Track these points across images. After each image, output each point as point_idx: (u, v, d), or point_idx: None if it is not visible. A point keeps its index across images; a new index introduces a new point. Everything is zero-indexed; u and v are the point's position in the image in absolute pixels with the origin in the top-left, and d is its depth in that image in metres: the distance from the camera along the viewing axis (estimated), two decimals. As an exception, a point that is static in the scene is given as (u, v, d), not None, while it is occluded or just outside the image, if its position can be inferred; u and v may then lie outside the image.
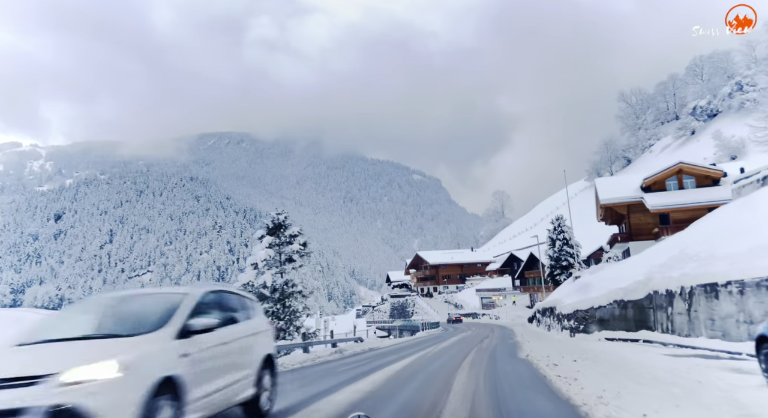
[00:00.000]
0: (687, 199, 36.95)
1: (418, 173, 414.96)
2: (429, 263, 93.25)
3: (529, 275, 66.13)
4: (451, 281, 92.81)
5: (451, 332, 42.70)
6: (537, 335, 24.48)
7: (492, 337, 28.12)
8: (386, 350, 20.66)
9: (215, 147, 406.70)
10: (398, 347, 22.80)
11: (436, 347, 21.17)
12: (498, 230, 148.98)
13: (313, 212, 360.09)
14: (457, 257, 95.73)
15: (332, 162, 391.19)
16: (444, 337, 31.89)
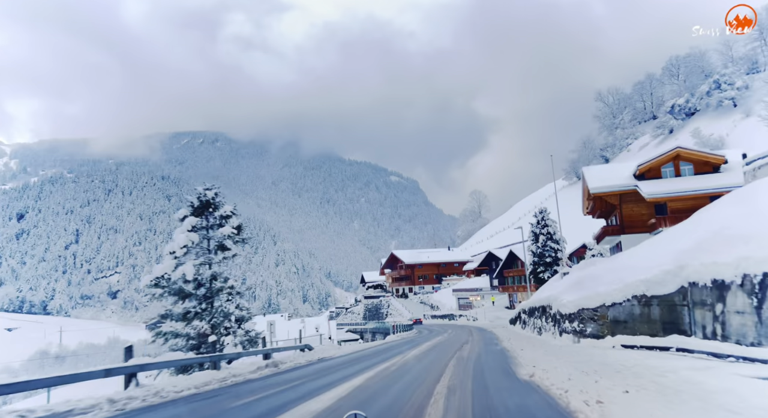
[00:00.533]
0: (687, 187, 33.02)
1: (396, 174, 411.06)
2: (404, 262, 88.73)
3: (509, 273, 62.02)
4: (428, 281, 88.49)
5: (425, 335, 38.12)
6: (529, 341, 19.96)
7: (472, 342, 23.55)
8: (338, 361, 15.88)
9: (189, 146, 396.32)
10: (356, 356, 18.01)
11: (404, 356, 16.49)
12: (475, 229, 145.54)
13: (289, 213, 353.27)
14: (434, 256, 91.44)
15: (309, 162, 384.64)
16: (416, 342, 27.23)
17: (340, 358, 17.28)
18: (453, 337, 31.63)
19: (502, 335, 27.66)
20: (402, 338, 36.80)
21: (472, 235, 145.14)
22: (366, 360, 15.63)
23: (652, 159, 35.95)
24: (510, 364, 11.81)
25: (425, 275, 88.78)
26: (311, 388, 9.35)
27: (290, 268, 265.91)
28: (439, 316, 68.55)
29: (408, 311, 78.82)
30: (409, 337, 37.34)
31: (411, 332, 44.49)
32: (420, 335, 37.86)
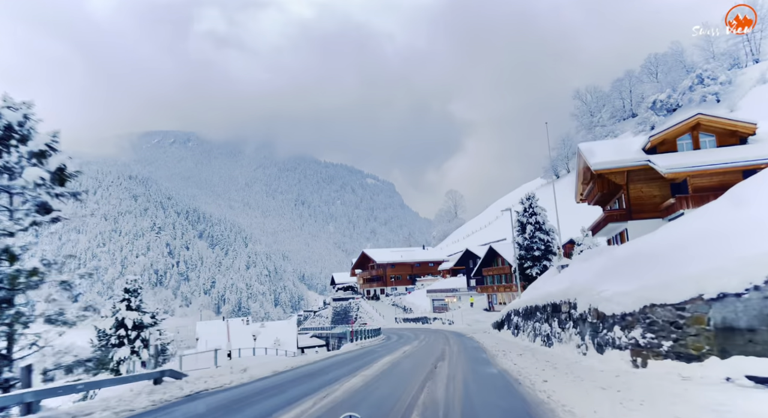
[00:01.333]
0: (714, 159, 26.43)
1: (372, 177, 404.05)
2: (376, 261, 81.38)
3: (488, 272, 55.15)
4: (401, 282, 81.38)
5: (392, 343, 30.87)
6: (538, 358, 12.72)
7: (451, 356, 16.40)
8: (192, 409, 8.32)
9: (160, 145, 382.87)
10: (254, 389, 10.44)
11: (346, 384, 9.09)
12: (451, 230, 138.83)
13: (263, 215, 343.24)
14: (407, 256, 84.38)
15: (284, 164, 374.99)
16: (378, 354, 19.98)
17: (219, 394, 9.77)
18: (426, 346, 24.44)
19: (490, 345, 20.55)
20: (361, 347, 29.44)
21: (447, 235, 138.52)
22: (261, 402, 8.26)
23: (667, 129, 29.32)
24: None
25: (398, 276, 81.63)
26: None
27: (261, 270, 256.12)
28: (411, 319, 61.28)
29: (379, 313, 71.44)
30: (370, 346, 29.98)
31: (377, 339, 37.10)
32: (385, 344, 30.55)
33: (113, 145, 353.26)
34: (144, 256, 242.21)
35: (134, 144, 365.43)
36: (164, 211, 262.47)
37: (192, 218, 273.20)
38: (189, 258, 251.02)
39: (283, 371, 14.97)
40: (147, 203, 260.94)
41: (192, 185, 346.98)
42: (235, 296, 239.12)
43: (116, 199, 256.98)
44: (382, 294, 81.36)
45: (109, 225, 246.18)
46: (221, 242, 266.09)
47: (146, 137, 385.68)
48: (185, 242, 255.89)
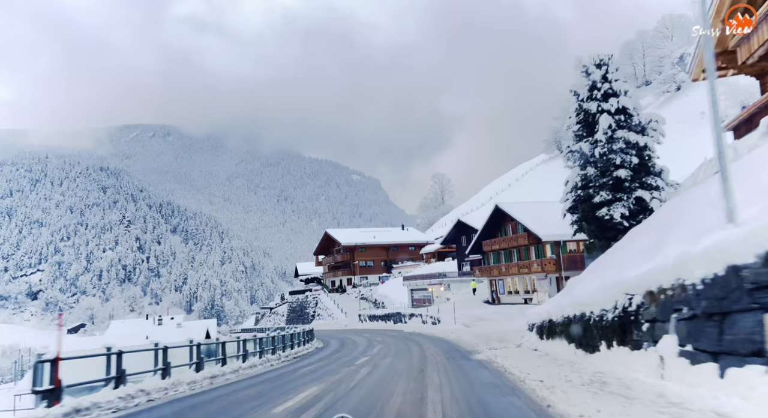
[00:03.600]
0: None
1: (357, 173, 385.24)
2: (341, 244, 62.75)
3: (492, 246, 36.76)
4: (373, 270, 62.93)
5: (306, 373, 11.50)
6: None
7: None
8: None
9: (138, 139, 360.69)
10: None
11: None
12: (437, 217, 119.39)
13: (244, 211, 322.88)
14: (382, 237, 65.74)
15: (267, 159, 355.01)
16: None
17: None
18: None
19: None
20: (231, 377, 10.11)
21: (433, 223, 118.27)
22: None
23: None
24: None
25: (369, 262, 63.26)
26: None
27: (238, 266, 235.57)
28: (380, 316, 42.51)
29: (341, 309, 52.57)
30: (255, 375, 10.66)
31: (302, 348, 18.30)
32: (292, 374, 11.37)
33: (90, 139, 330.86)
34: (111, 251, 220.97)
35: (112, 137, 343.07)
36: (135, 203, 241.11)
37: (165, 211, 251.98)
38: (160, 253, 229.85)
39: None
40: (117, 195, 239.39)
41: (171, 180, 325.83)
42: (208, 294, 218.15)
43: (84, 191, 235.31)
44: (349, 285, 62.50)
45: (74, 218, 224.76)
46: (195, 237, 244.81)
47: (125, 131, 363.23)
48: (156, 236, 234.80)
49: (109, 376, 9.62)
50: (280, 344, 21.20)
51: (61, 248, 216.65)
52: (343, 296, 60.08)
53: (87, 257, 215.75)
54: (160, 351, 11.91)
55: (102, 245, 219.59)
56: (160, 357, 11.89)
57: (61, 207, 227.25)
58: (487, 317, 29.28)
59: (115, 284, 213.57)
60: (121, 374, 9.79)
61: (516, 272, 34.13)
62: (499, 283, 36.93)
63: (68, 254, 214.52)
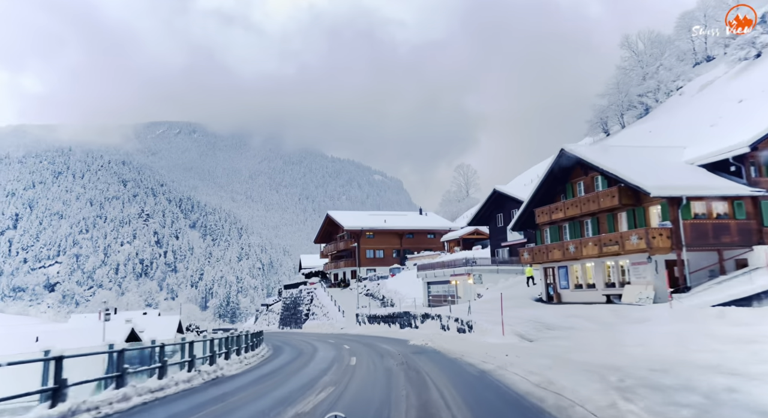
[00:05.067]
0: None
1: (380, 174, 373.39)
2: (344, 228, 50.27)
3: (554, 213, 23.47)
4: (383, 261, 50.34)
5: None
6: None
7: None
8: None
9: (164, 136, 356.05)
10: None
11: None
12: (461, 211, 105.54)
13: (265, 208, 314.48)
14: (394, 221, 52.98)
15: (289, 157, 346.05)
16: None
17: None
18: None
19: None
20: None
21: (456, 218, 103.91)
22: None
23: None
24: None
25: (378, 251, 50.85)
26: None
27: (255, 263, 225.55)
28: (383, 318, 30.08)
29: (338, 307, 39.91)
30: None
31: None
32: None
33: (117, 134, 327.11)
34: (129, 244, 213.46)
35: (139, 133, 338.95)
36: (155, 197, 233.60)
37: (185, 206, 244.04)
38: (178, 248, 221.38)
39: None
40: (137, 189, 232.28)
41: (194, 176, 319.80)
42: (223, 290, 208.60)
43: (104, 184, 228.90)
44: (354, 278, 49.76)
45: (94, 211, 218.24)
46: (214, 233, 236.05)
47: (151, 127, 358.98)
48: (175, 230, 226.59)
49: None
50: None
51: (79, 240, 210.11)
52: (345, 291, 47.66)
53: (104, 250, 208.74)
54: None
55: (120, 239, 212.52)
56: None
57: (82, 199, 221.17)
58: (558, 323, 16.56)
59: (132, 278, 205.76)
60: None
61: (594, 252, 21.03)
62: (559, 272, 24.01)
63: (86, 246, 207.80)
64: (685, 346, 10.41)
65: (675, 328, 12.32)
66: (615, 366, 9.17)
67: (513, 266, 30.04)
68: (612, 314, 16.40)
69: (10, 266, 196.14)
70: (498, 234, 33.04)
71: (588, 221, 22.71)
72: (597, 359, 10.16)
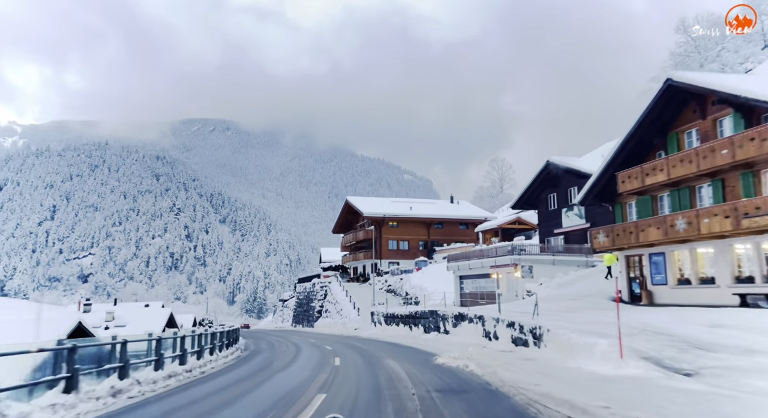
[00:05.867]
0: None
1: (409, 173, 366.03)
2: (364, 214, 43.55)
3: (648, 177, 15.99)
4: (407, 254, 43.39)
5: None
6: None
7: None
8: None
9: (199, 133, 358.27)
10: None
11: None
12: (494, 208, 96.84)
13: (295, 206, 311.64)
14: (421, 209, 45.87)
15: (320, 155, 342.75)
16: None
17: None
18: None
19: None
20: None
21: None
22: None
23: None
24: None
25: (403, 242, 43.97)
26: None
27: (282, 259, 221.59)
28: (403, 318, 23.36)
29: (355, 306, 33.10)
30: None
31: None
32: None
33: (155, 131, 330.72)
34: (160, 238, 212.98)
35: (175, 130, 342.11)
36: (186, 192, 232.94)
37: (216, 201, 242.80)
38: (207, 243, 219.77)
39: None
40: (169, 183, 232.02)
41: (227, 173, 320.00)
42: (251, 285, 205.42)
43: (138, 178, 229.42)
44: (374, 273, 42.97)
45: (127, 203, 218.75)
46: (243, 228, 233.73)
47: (187, 124, 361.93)
48: (205, 225, 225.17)
49: None
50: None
51: (112, 232, 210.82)
52: (364, 286, 41.03)
53: (136, 242, 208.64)
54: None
55: (151, 232, 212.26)
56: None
57: (116, 192, 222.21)
58: (708, 338, 9.08)
59: (162, 271, 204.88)
60: None
61: (725, 227, 13.45)
62: (652, 262, 16.54)
63: (119, 239, 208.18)
64: None
65: None
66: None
67: (573, 256, 22.76)
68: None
69: (46, 256, 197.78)
70: (549, 219, 25.82)
71: (704, 186, 15.29)
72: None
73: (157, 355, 12.61)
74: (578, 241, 24.70)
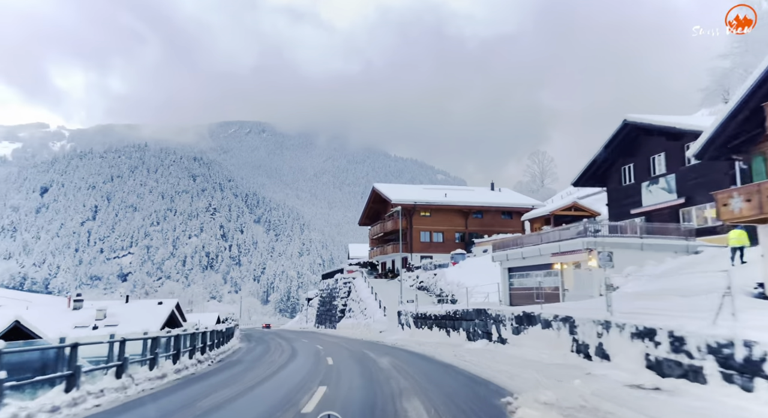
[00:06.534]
0: None
1: (443, 173, 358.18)
2: (392, 202, 37.76)
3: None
4: (441, 247, 37.05)
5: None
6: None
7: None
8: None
9: (236, 135, 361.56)
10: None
11: None
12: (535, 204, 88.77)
13: (329, 206, 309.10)
14: (457, 196, 39.57)
15: (353, 156, 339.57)
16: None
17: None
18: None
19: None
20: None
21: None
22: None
23: None
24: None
25: (436, 233, 37.96)
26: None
27: (315, 259, 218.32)
28: (437, 319, 17.26)
29: (381, 304, 27.41)
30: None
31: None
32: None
33: (193, 133, 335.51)
34: (196, 237, 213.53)
35: (213, 132, 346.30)
36: (222, 192, 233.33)
37: (251, 201, 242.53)
38: (242, 242, 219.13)
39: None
40: (205, 184, 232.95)
41: (262, 174, 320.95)
42: (284, 285, 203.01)
43: (175, 179, 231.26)
44: (404, 268, 37.24)
45: (165, 204, 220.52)
46: (277, 228, 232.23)
47: (224, 127, 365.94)
48: (240, 225, 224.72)
49: None
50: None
51: (150, 232, 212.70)
52: (392, 283, 35.42)
53: (173, 242, 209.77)
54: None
55: (188, 232, 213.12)
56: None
57: (154, 193, 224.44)
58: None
59: (198, 270, 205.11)
60: None
61: None
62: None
63: (156, 238, 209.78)
64: None
65: None
66: None
67: (667, 239, 16.61)
68: None
69: (88, 255, 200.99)
70: (624, 197, 19.72)
71: None
72: None
73: (120, 359, 10.77)
74: (665, 223, 18.58)
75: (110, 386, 9.77)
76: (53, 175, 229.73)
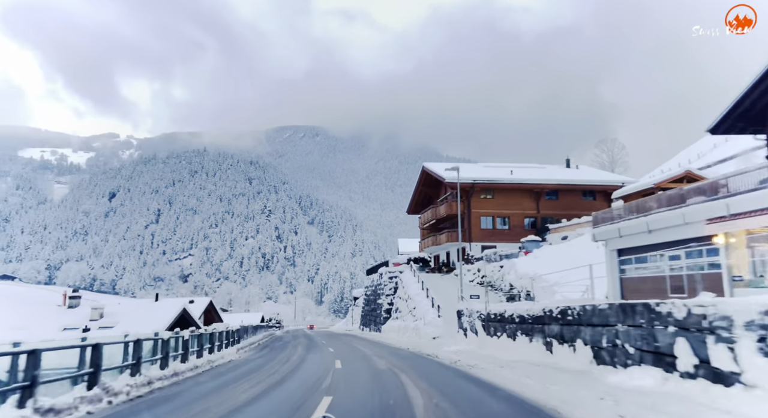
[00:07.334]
0: None
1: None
2: (446, 181, 30.68)
3: None
4: (508, 234, 29.86)
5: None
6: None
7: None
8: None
9: (290, 140, 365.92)
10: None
11: None
12: (606, 194, 77.82)
13: (381, 208, 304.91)
14: (525, 174, 31.84)
15: (405, 157, 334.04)
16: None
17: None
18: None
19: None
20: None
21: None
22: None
23: None
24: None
25: (500, 218, 30.68)
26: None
27: (368, 260, 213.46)
28: (525, 324, 10.10)
29: (434, 303, 20.30)
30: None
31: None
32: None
33: (251, 139, 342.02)
34: (253, 239, 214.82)
35: (269, 137, 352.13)
36: (276, 194, 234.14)
37: (304, 203, 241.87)
38: (296, 243, 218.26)
39: None
40: (261, 186, 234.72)
41: (316, 177, 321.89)
42: (338, 285, 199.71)
43: (232, 182, 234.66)
44: (461, 261, 30.45)
45: (222, 206, 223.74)
46: (330, 229, 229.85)
47: (279, 132, 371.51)
48: (294, 226, 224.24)
49: None
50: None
51: (209, 234, 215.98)
52: (447, 278, 28.70)
53: (231, 243, 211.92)
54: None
55: (245, 233, 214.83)
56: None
57: (213, 196, 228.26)
58: None
59: (255, 271, 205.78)
60: None
61: None
62: None
63: (215, 240, 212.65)
64: None
65: None
66: None
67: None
68: None
69: (151, 257, 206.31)
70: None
71: None
72: None
73: (93, 366, 8.38)
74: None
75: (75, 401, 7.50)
76: (120, 180, 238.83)
